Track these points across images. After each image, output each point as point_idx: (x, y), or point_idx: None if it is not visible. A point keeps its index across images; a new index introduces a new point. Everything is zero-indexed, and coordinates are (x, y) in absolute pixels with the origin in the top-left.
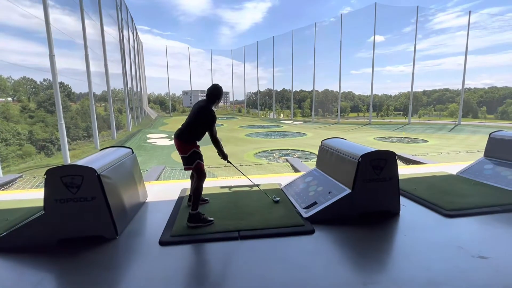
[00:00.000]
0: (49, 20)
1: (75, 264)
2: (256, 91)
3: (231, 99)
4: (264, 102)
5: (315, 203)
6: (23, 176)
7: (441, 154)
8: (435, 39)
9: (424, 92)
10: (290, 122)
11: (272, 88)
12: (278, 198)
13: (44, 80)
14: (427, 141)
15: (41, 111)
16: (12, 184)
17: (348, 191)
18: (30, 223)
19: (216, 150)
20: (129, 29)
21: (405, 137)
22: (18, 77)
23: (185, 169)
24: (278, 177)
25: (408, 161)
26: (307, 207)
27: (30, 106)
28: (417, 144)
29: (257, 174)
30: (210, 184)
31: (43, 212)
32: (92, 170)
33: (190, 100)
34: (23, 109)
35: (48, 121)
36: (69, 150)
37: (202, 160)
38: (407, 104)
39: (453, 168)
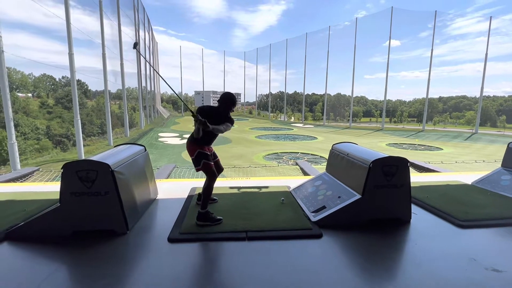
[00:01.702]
0: (70, 20)
1: (87, 256)
2: (267, 93)
3: (242, 101)
4: (275, 105)
5: (324, 207)
6: (40, 169)
7: (456, 162)
8: (453, 45)
9: (440, 98)
10: (300, 125)
11: (284, 90)
12: (283, 198)
13: (63, 77)
14: (442, 149)
15: (58, 107)
16: (30, 177)
17: (358, 196)
18: (46, 215)
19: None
20: (145, 29)
21: (418, 144)
22: (38, 74)
23: (197, 170)
24: (287, 179)
25: (421, 169)
26: (316, 211)
27: (49, 102)
28: (431, 152)
29: (266, 176)
30: (219, 184)
31: (59, 204)
32: (106, 165)
33: (202, 100)
34: (42, 105)
35: (65, 117)
36: (84, 146)
37: (209, 160)
38: (422, 111)
39: (468, 177)
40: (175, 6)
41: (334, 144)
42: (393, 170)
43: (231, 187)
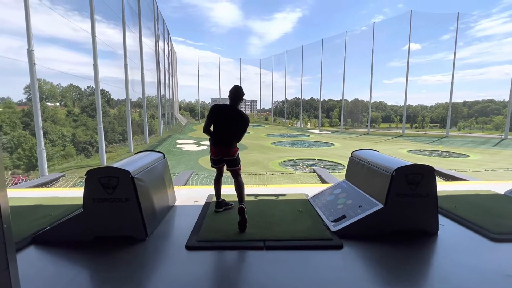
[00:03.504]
0: (95, 33)
1: (107, 261)
2: (283, 99)
3: (258, 107)
4: (291, 111)
5: (344, 216)
6: (66, 175)
7: (485, 170)
8: (478, 47)
9: (465, 103)
10: (317, 131)
11: (300, 97)
12: (300, 209)
13: (88, 87)
14: (468, 156)
15: (83, 115)
16: (56, 182)
17: (380, 206)
18: (70, 220)
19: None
20: (165, 40)
21: (442, 151)
22: (66, 84)
23: (230, 170)
24: (305, 187)
25: (447, 177)
26: (335, 221)
27: (75, 110)
28: (456, 159)
29: (283, 183)
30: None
31: (82, 210)
32: (127, 172)
33: None
34: (68, 113)
35: (89, 125)
36: (106, 152)
37: None
38: (445, 116)
39: (500, 186)
40: (193, 17)
41: (353, 151)
42: (417, 178)
43: (247, 195)
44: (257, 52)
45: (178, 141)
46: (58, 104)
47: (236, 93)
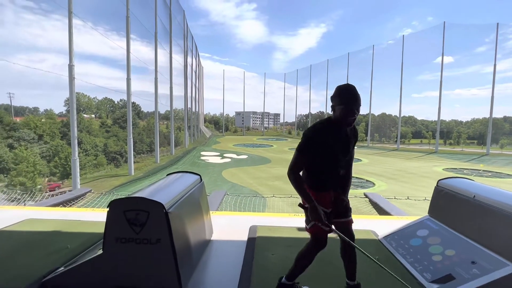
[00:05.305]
0: (129, 50)
1: None
2: (307, 113)
3: (281, 121)
4: None
5: (451, 277)
6: (92, 191)
7: None
8: None
9: (506, 118)
10: None
11: (324, 110)
12: (377, 256)
13: (120, 100)
14: None
15: (115, 126)
16: (82, 199)
17: None
18: (87, 263)
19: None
20: (193, 56)
21: (483, 170)
22: (101, 97)
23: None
24: (364, 219)
25: None
26: (438, 282)
27: (108, 122)
28: (502, 180)
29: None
30: (283, 223)
31: (101, 251)
32: (160, 205)
33: (242, 120)
34: (102, 125)
35: (120, 136)
36: (134, 162)
37: (324, 218)
38: (483, 132)
39: None
40: (220, 34)
41: (440, 180)
42: None
43: (300, 229)
44: (281, 67)
45: (202, 153)
46: (93, 115)
47: (335, 96)
